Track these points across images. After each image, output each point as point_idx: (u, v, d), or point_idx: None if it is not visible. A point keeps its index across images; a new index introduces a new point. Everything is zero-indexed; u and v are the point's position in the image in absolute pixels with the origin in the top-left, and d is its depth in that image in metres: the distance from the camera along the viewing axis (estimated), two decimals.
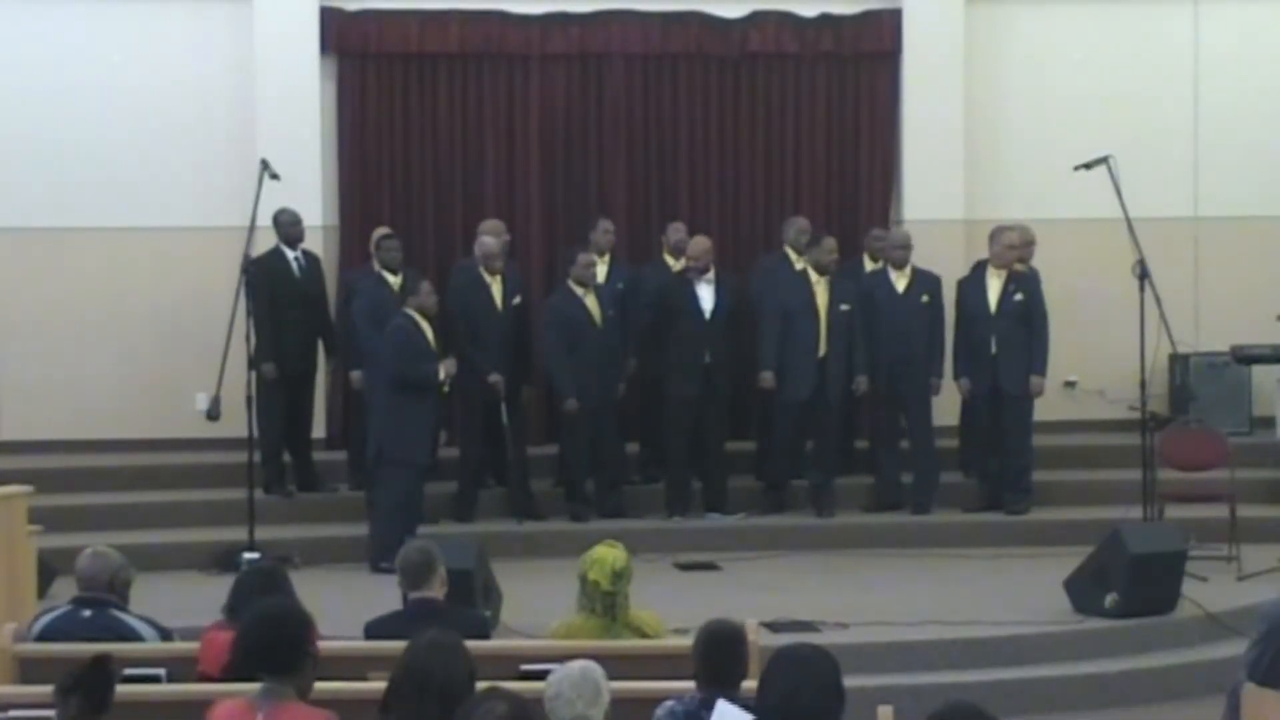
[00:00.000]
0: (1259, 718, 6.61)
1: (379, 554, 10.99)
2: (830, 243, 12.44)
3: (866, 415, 13.02)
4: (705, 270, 12.36)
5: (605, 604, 7.22)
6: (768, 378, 12.25)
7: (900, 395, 12.49)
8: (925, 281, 12.51)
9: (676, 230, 12.92)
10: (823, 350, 12.26)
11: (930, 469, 12.46)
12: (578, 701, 5.10)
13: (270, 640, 5.39)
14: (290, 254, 12.49)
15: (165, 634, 7.27)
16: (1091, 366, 13.56)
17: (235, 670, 5.63)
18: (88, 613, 7.14)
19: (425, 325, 11.35)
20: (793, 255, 12.60)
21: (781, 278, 12.44)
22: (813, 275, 12.33)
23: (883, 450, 12.71)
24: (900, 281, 12.52)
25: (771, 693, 5.12)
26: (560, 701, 5.11)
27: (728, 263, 13.03)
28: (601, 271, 12.54)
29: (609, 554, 7.28)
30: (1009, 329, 12.27)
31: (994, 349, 12.29)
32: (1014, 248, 12.38)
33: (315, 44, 13.39)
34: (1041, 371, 12.31)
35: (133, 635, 7.10)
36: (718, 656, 5.62)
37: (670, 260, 12.89)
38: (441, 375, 11.28)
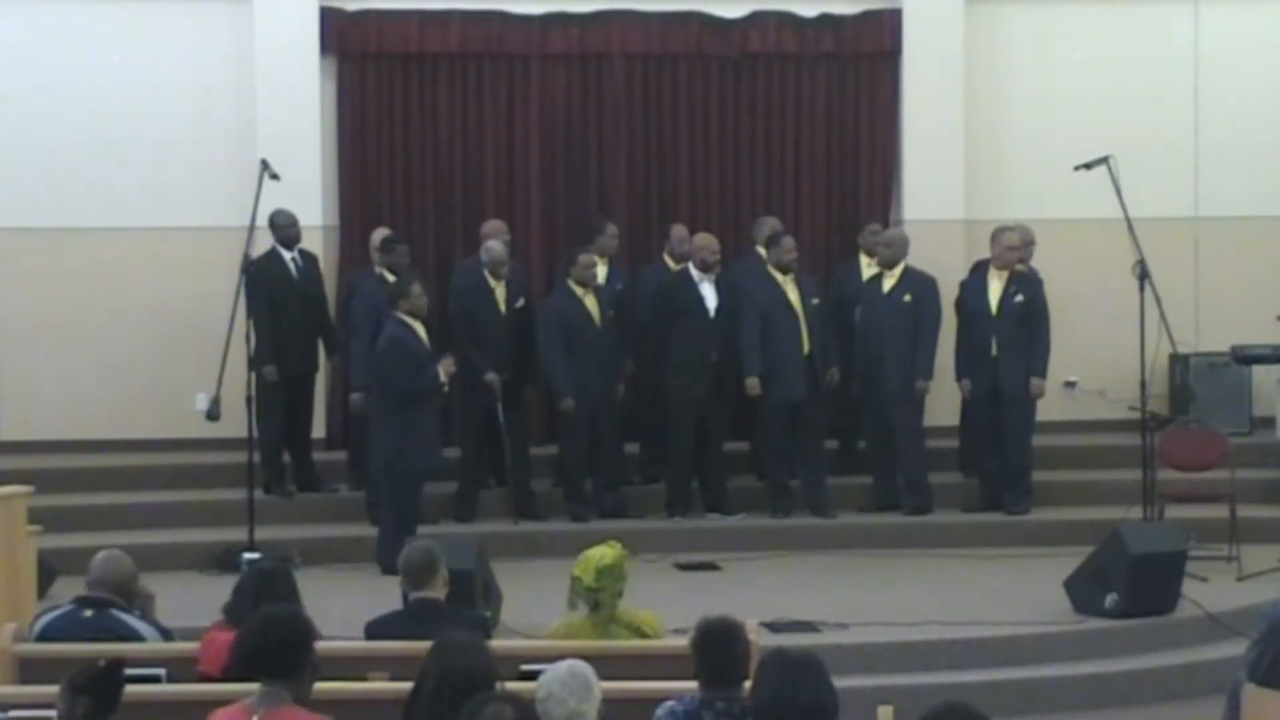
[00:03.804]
0: (1259, 718, 6.61)
1: (393, 558, 10.96)
2: (789, 241, 12.41)
3: (867, 415, 13.02)
4: (713, 267, 12.36)
5: (589, 601, 7.24)
6: (754, 384, 12.23)
7: (879, 395, 12.46)
8: (913, 282, 12.47)
9: (681, 237, 12.85)
10: (807, 348, 12.27)
11: (917, 470, 12.42)
12: (570, 699, 5.11)
13: (270, 643, 5.40)
14: (287, 255, 12.48)
15: (166, 636, 7.27)
16: (1091, 366, 13.56)
17: (234, 671, 5.64)
18: (89, 613, 7.14)
19: (418, 328, 11.32)
20: (765, 256, 12.59)
21: (758, 280, 12.43)
22: (778, 275, 12.33)
23: (872, 451, 12.70)
24: (887, 281, 12.51)
25: (766, 694, 5.15)
26: (552, 701, 5.11)
27: (726, 263, 13.00)
28: (601, 273, 12.53)
29: (598, 552, 7.31)
30: (1010, 330, 12.25)
31: (994, 350, 12.28)
32: (1014, 249, 12.37)
33: (315, 44, 13.39)
34: (1042, 373, 12.30)
35: (134, 636, 7.10)
36: (714, 653, 5.61)
37: (670, 262, 12.87)
38: (443, 378, 11.25)
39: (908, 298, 12.40)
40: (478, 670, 5.28)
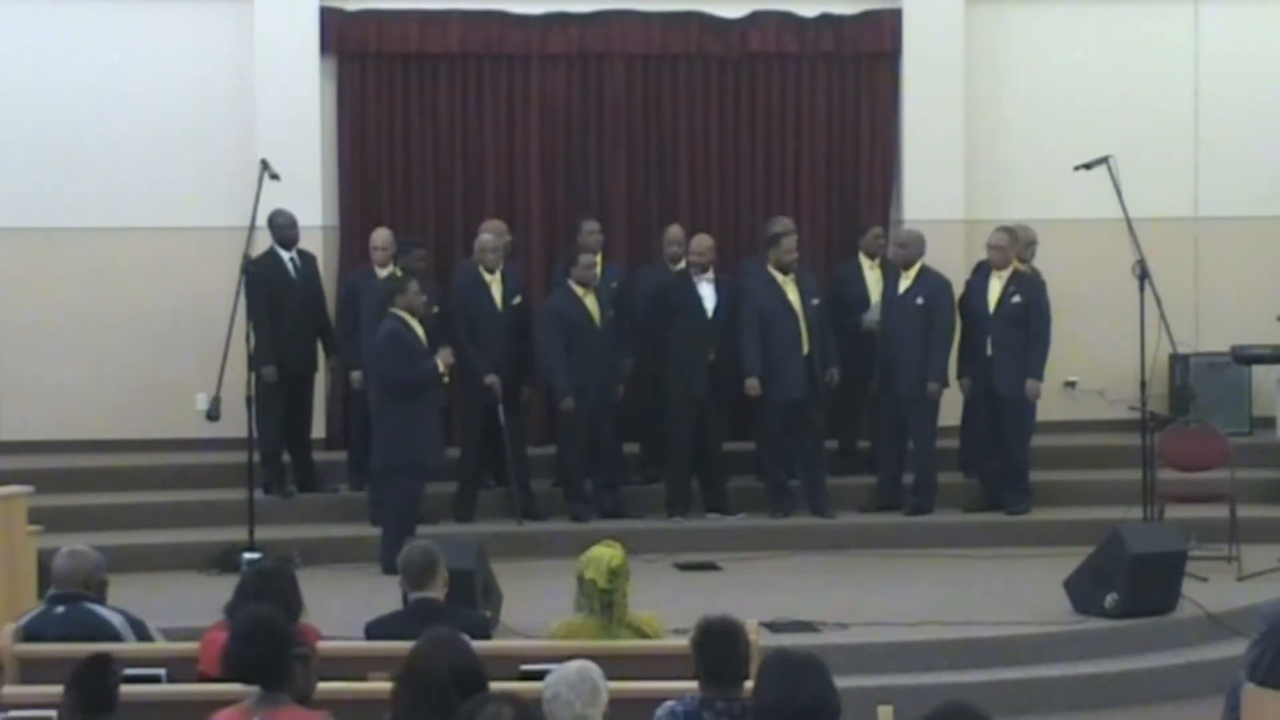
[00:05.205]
0: (1259, 718, 6.61)
1: (395, 559, 10.95)
2: (789, 242, 12.40)
3: (867, 415, 13.04)
4: (706, 268, 12.37)
5: (603, 603, 7.23)
6: (754, 385, 12.23)
7: (894, 396, 12.46)
8: (928, 284, 12.48)
9: (673, 238, 12.79)
10: (806, 348, 12.27)
11: (926, 471, 12.43)
12: (576, 702, 5.11)
13: (249, 654, 5.41)
14: (285, 255, 12.48)
15: (138, 624, 7.28)
16: (1091, 366, 13.56)
17: (228, 680, 5.65)
18: (61, 609, 7.17)
19: (415, 325, 11.31)
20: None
21: (760, 280, 12.42)
22: (778, 275, 12.33)
23: (882, 450, 12.71)
24: (903, 282, 12.51)
25: (768, 695, 5.14)
26: (558, 702, 5.11)
27: (727, 263, 13.02)
28: None
29: (606, 553, 7.29)
30: (1005, 331, 12.24)
31: (989, 350, 12.28)
32: (999, 249, 12.33)
33: (315, 44, 13.39)
34: (1038, 375, 12.26)
35: (105, 626, 7.12)
36: (714, 653, 5.60)
37: (669, 264, 12.85)
38: (441, 368, 11.25)
39: (920, 300, 12.40)
40: (448, 666, 5.26)
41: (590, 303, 12.21)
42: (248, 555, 10.89)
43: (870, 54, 13.82)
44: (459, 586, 8.01)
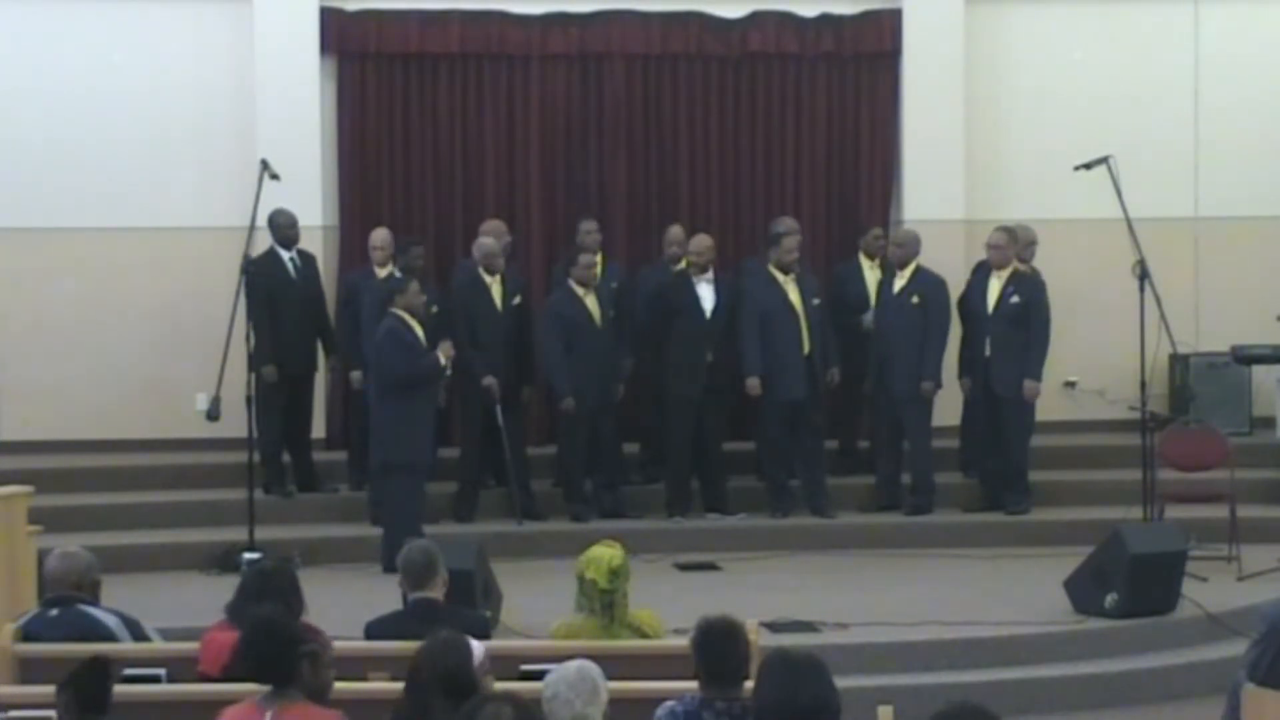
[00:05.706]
0: (1259, 718, 6.61)
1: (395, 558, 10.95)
2: (790, 242, 12.40)
3: (867, 415, 13.04)
4: (705, 269, 12.38)
5: (604, 603, 7.23)
6: (754, 384, 12.24)
7: (889, 395, 12.47)
8: (923, 283, 12.48)
9: (673, 239, 12.79)
10: (807, 348, 12.28)
11: (924, 471, 12.43)
12: (576, 701, 5.11)
13: (254, 654, 5.41)
14: (285, 255, 12.48)
15: (133, 623, 7.28)
16: (1091, 366, 13.56)
17: (237, 680, 5.67)
18: (55, 611, 7.17)
19: (415, 325, 11.30)
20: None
21: (760, 280, 12.42)
22: (779, 275, 12.33)
23: (881, 450, 12.71)
24: (898, 281, 12.51)
25: (768, 695, 5.14)
26: (558, 702, 5.11)
27: (727, 263, 13.02)
28: None
29: (606, 553, 7.29)
30: (1003, 331, 12.24)
31: (987, 350, 12.28)
32: (997, 248, 12.33)
33: (315, 44, 13.39)
34: (1035, 376, 12.26)
35: (100, 627, 7.12)
36: (714, 653, 5.60)
37: (669, 264, 12.84)
38: (443, 361, 11.23)
39: (915, 299, 12.40)
40: (443, 667, 5.27)
41: (590, 303, 12.21)
42: (248, 555, 10.89)
43: (870, 54, 13.82)
44: (459, 586, 8.00)
